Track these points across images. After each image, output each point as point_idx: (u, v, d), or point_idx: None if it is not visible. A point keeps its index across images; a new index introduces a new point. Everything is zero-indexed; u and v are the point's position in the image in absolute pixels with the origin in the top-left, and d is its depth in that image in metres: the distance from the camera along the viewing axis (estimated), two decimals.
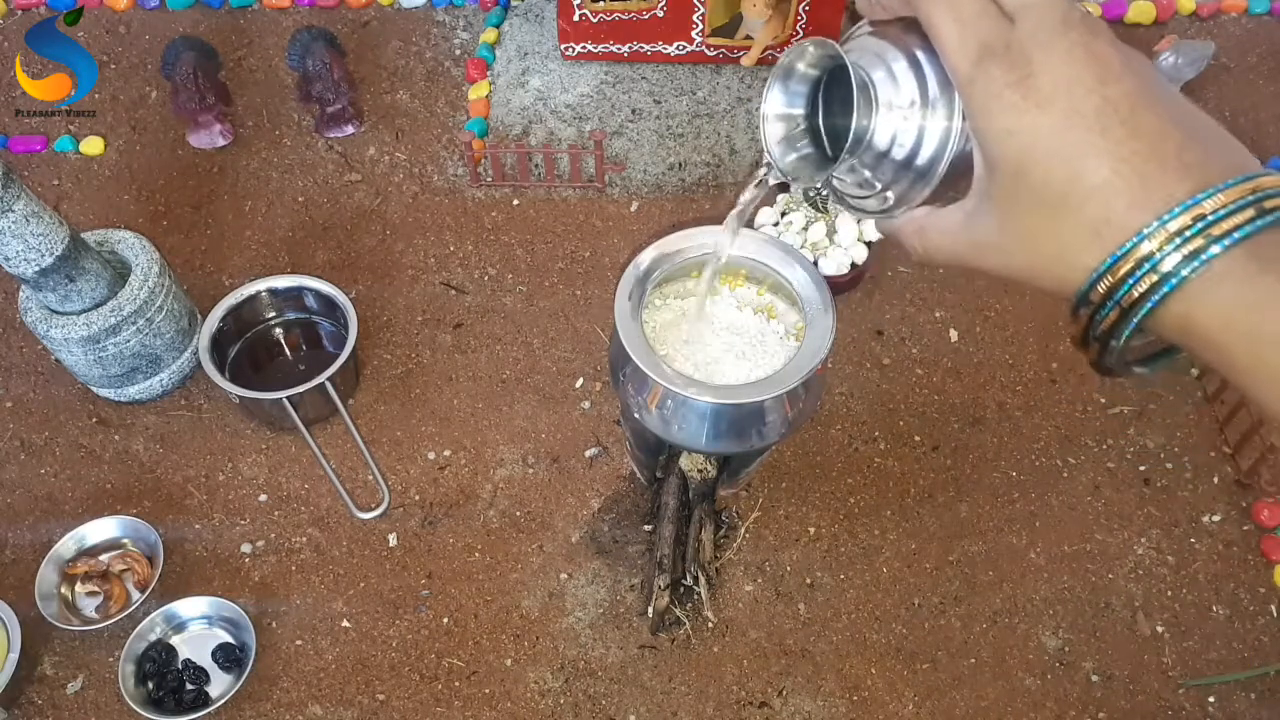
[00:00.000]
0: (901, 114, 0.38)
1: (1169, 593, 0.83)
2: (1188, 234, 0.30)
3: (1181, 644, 0.81)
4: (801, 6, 1.05)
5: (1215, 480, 0.88)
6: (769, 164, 0.46)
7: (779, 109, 0.45)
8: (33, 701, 0.78)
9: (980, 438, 0.91)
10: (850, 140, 0.39)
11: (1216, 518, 0.87)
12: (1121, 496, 0.88)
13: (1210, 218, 0.30)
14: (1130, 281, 0.31)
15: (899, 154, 0.39)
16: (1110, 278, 0.32)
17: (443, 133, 1.12)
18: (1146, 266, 0.31)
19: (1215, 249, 0.29)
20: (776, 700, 0.78)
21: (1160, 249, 0.30)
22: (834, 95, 0.43)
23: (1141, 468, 0.89)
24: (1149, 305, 0.31)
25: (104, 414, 0.93)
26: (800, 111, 0.45)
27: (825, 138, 0.45)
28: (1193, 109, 0.33)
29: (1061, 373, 0.95)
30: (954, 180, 0.38)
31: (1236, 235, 0.29)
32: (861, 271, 0.96)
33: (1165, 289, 0.31)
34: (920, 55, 0.37)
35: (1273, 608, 0.82)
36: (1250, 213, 0.29)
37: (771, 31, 1.07)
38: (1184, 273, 0.30)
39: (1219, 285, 0.30)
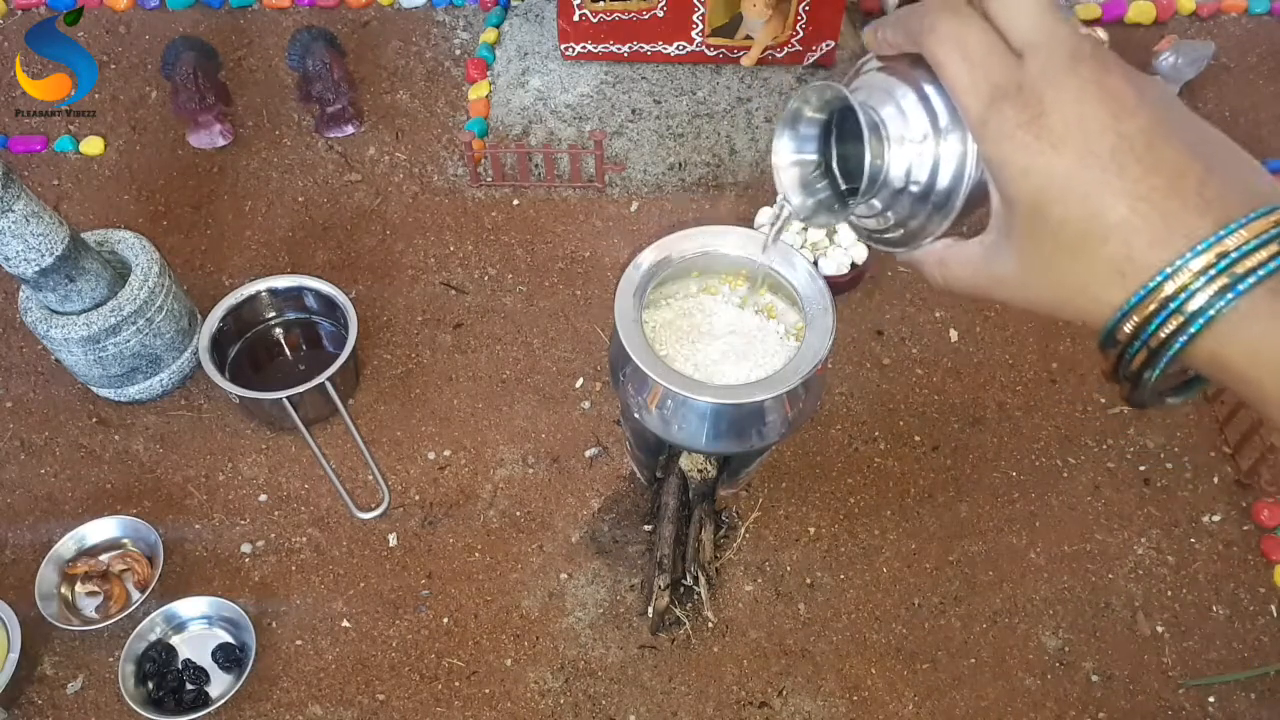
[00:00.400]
0: (915, 149, 0.38)
1: (1169, 593, 0.83)
2: (1212, 273, 0.30)
3: (1181, 644, 0.81)
4: (801, 6, 1.05)
5: (1215, 480, 0.88)
6: (785, 207, 0.46)
7: (790, 156, 0.45)
8: (33, 701, 0.78)
9: (980, 438, 0.91)
10: (865, 182, 0.39)
11: (1216, 518, 0.87)
12: (1121, 496, 0.88)
13: (1234, 255, 0.29)
14: (1157, 322, 0.31)
15: (916, 188, 0.38)
16: (1136, 317, 0.31)
17: (443, 133, 1.12)
18: (1172, 307, 0.30)
19: (1240, 287, 0.29)
20: (776, 700, 0.78)
21: (1185, 288, 0.30)
22: (846, 132, 0.43)
23: (1141, 468, 0.89)
24: (1177, 345, 0.31)
25: (104, 414, 0.93)
26: (812, 156, 0.45)
27: (840, 176, 0.44)
28: (1211, 133, 0.32)
29: (1061, 373, 0.95)
30: (973, 208, 0.38)
31: (1261, 273, 0.29)
32: (861, 271, 0.96)
33: (1193, 329, 0.30)
34: (929, 89, 0.37)
35: (1273, 608, 0.82)
36: (1274, 248, 0.29)
37: (771, 31, 1.07)
38: (1210, 313, 0.30)
39: (1246, 323, 0.30)
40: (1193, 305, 0.30)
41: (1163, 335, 0.31)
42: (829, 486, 0.88)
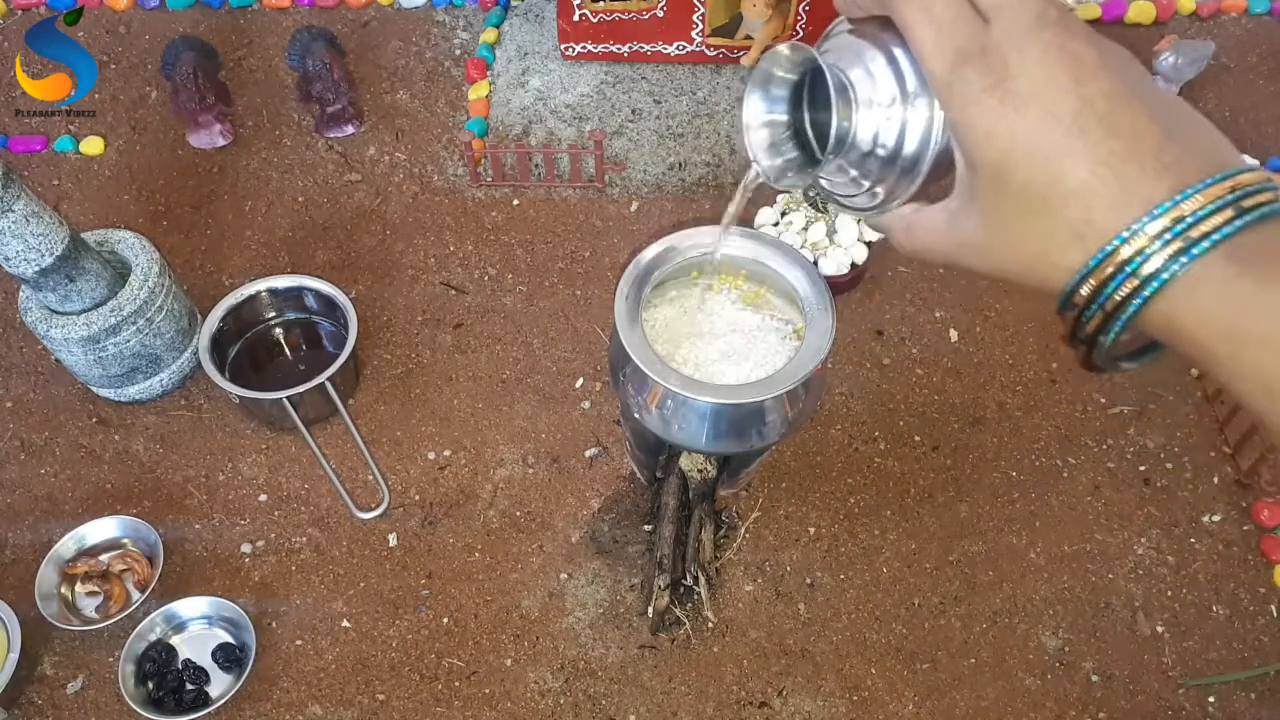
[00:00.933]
0: (883, 111, 0.38)
1: (1169, 593, 0.83)
2: (1168, 236, 0.30)
3: (1181, 644, 0.81)
4: (801, 6, 1.05)
5: (1215, 480, 0.88)
6: (757, 170, 0.46)
7: (761, 116, 0.45)
8: (33, 701, 0.78)
9: (980, 438, 0.91)
10: (831, 142, 0.39)
11: (1216, 518, 0.87)
12: (1121, 496, 0.88)
13: (1189, 219, 0.30)
14: (1113, 285, 0.31)
15: (883, 151, 0.38)
16: (1093, 280, 0.32)
17: (443, 133, 1.12)
18: (1128, 270, 0.31)
19: (1195, 250, 0.30)
20: (776, 700, 0.78)
21: (1141, 252, 0.30)
22: (816, 95, 0.43)
23: (1141, 468, 0.89)
24: (1132, 308, 0.31)
25: (104, 414, 0.93)
26: (783, 117, 0.45)
27: (811, 138, 0.44)
28: (1172, 100, 0.33)
29: (1061, 373, 0.95)
30: (941, 173, 0.38)
31: (1215, 237, 0.30)
32: (861, 271, 0.96)
33: (1147, 292, 0.31)
34: (898, 52, 0.37)
35: (1273, 608, 0.82)
36: (1229, 213, 0.30)
37: (771, 31, 1.07)
38: (1165, 276, 0.30)
39: (1199, 287, 0.30)
40: (1148, 269, 0.30)
41: (1118, 298, 0.31)
42: (829, 486, 0.88)
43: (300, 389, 0.85)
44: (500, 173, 1.07)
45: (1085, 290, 0.32)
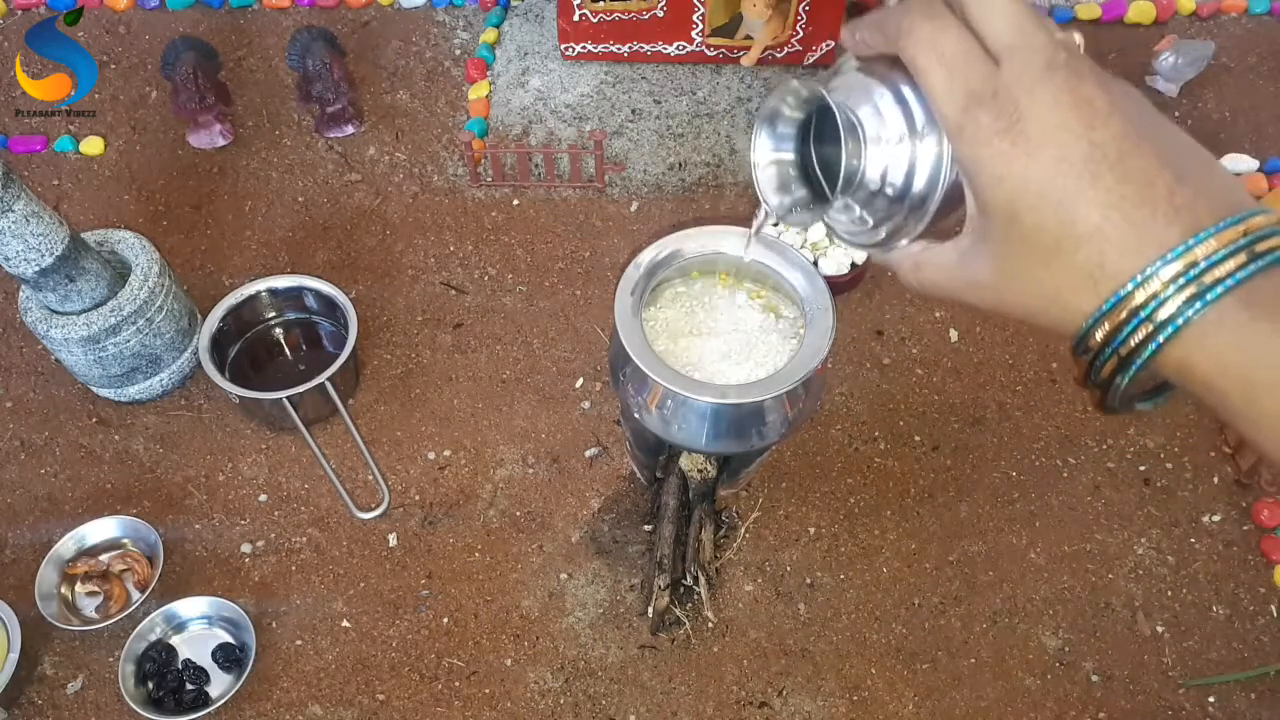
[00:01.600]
0: (891, 150, 0.38)
1: (1169, 593, 0.83)
2: (1181, 281, 0.30)
3: (1181, 644, 0.81)
4: (801, 6, 1.05)
5: (1215, 480, 0.88)
6: (766, 209, 0.46)
7: (769, 155, 0.45)
8: (33, 701, 0.78)
9: (980, 438, 0.91)
10: (841, 183, 0.39)
11: (1216, 518, 0.87)
12: (1121, 496, 0.88)
13: (1203, 264, 0.30)
14: (1127, 330, 0.31)
15: (891, 190, 0.38)
16: (1107, 324, 0.32)
17: (443, 133, 1.12)
18: (1142, 315, 0.31)
19: (1209, 296, 0.30)
20: (776, 700, 0.78)
21: (1155, 296, 0.30)
22: (824, 131, 0.43)
23: (1141, 468, 0.89)
24: (1147, 353, 0.31)
25: (104, 414, 0.93)
26: (790, 156, 0.45)
27: (820, 175, 0.44)
28: (1183, 141, 0.33)
29: (1061, 373, 0.95)
30: (948, 211, 0.38)
31: (1229, 282, 0.30)
32: (861, 271, 0.96)
33: (1161, 338, 0.31)
34: (906, 91, 0.37)
35: (1273, 608, 0.82)
36: (1242, 258, 0.30)
37: (771, 31, 1.07)
38: (1179, 322, 0.30)
39: (1213, 332, 0.30)
40: (1162, 314, 0.31)
41: (1133, 343, 0.32)
42: (829, 486, 0.88)
43: (300, 389, 0.85)
44: (500, 173, 1.07)
45: (1099, 335, 0.32)
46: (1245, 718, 0.78)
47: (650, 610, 0.79)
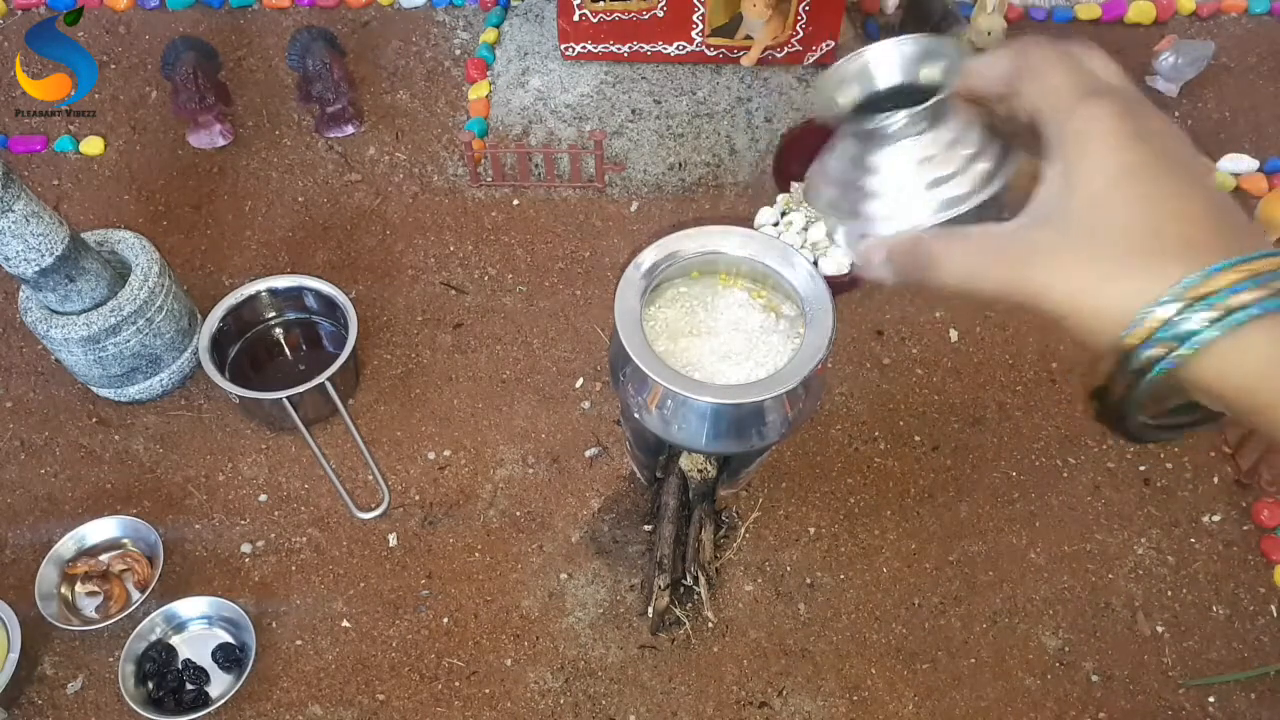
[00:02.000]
0: (959, 153, 0.41)
1: (1169, 593, 0.83)
2: (1207, 304, 0.32)
3: (1181, 644, 0.81)
4: (801, 6, 1.05)
5: (1215, 480, 0.88)
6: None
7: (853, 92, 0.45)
8: (33, 701, 0.78)
9: (980, 438, 0.91)
10: (943, 87, 0.40)
11: (1216, 518, 0.87)
12: (1121, 496, 0.88)
13: (1225, 291, 0.31)
14: (1150, 343, 0.32)
15: (966, 150, 0.41)
16: (1142, 332, 0.33)
17: (443, 133, 1.12)
18: (1160, 335, 0.32)
19: (1236, 319, 0.31)
20: (776, 700, 0.78)
21: (1176, 317, 0.32)
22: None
23: (1141, 468, 0.89)
24: (1164, 367, 0.32)
25: (104, 414, 0.93)
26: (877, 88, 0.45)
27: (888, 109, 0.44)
28: (1225, 197, 0.36)
29: (1061, 373, 0.95)
30: (988, 213, 0.40)
31: (1255, 310, 0.31)
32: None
33: (1183, 351, 0.32)
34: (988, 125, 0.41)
35: (1273, 608, 0.82)
36: (1272, 288, 0.31)
37: (771, 31, 1.07)
38: (1215, 333, 0.31)
39: (1248, 345, 0.31)
40: (1185, 327, 0.32)
41: (1153, 355, 0.33)
42: (829, 486, 0.88)
43: (300, 389, 0.85)
44: (500, 173, 1.07)
45: (1148, 325, 0.33)
46: (1245, 718, 0.78)
47: (650, 610, 0.79)
